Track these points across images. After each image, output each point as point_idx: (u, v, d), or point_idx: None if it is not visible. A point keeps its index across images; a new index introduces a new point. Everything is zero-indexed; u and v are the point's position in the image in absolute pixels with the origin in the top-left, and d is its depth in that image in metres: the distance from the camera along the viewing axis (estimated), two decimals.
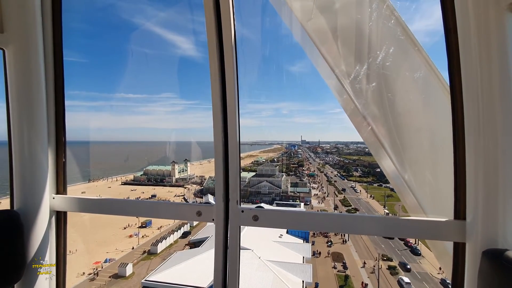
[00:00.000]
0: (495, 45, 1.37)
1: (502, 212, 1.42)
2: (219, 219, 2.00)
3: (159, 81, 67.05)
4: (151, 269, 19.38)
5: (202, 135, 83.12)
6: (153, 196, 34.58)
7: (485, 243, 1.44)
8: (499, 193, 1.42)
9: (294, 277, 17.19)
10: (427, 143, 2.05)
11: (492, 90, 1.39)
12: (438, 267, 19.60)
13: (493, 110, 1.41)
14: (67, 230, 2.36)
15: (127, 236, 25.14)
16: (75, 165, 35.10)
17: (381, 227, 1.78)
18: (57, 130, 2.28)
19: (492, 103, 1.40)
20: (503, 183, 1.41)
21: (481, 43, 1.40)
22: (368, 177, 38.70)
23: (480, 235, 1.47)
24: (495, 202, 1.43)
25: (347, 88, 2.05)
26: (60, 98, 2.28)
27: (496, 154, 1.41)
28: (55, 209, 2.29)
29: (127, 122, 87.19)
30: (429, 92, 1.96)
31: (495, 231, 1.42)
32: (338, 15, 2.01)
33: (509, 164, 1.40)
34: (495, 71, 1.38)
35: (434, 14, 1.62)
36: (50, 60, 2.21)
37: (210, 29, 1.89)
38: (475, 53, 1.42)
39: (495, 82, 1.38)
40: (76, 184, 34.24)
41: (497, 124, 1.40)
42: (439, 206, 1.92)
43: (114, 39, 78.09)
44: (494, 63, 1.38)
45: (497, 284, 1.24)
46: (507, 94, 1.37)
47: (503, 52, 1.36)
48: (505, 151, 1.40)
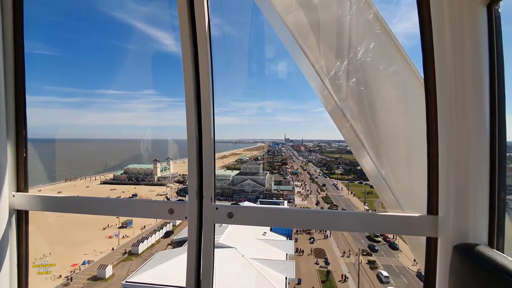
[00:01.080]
0: (469, 40, 1.37)
1: (473, 207, 1.44)
2: (192, 217, 1.93)
3: (141, 77, 65.26)
4: (132, 270, 18.92)
5: (186, 133, 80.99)
6: (134, 195, 33.69)
7: (456, 238, 1.45)
8: (470, 189, 1.43)
9: (277, 274, 17.33)
10: (403, 139, 2.08)
11: (465, 86, 1.40)
12: (414, 261, 20.46)
13: (465, 106, 1.41)
14: (39, 231, 2.20)
15: (106, 237, 24.36)
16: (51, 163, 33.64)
17: (357, 223, 1.78)
18: (17, 124, 2.12)
19: (464, 99, 1.41)
20: (474, 179, 1.42)
21: (454, 38, 1.40)
22: (349, 174, 39.67)
23: (452, 230, 1.48)
24: (466, 198, 1.44)
25: (327, 84, 2.04)
26: (20, 91, 2.11)
27: (468, 150, 1.42)
28: (15, 207, 2.13)
29: (107, 119, 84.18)
30: (405, 88, 1.99)
31: (466, 226, 1.44)
32: (317, 9, 2.00)
33: (480, 160, 1.42)
34: (468, 66, 1.38)
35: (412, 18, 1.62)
36: (10, 52, 2.06)
37: (183, 21, 1.81)
38: (449, 48, 1.42)
39: (468, 78, 1.39)
40: (53, 183, 32.82)
41: (468, 120, 1.41)
42: (415, 201, 1.95)
43: (93, 33, 75.11)
44: (467, 58, 1.38)
45: (468, 278, 1.25)
46: (479, 90, 1.38)
47: (476, 47, 1.37)
48: (476, 147, 1.41)
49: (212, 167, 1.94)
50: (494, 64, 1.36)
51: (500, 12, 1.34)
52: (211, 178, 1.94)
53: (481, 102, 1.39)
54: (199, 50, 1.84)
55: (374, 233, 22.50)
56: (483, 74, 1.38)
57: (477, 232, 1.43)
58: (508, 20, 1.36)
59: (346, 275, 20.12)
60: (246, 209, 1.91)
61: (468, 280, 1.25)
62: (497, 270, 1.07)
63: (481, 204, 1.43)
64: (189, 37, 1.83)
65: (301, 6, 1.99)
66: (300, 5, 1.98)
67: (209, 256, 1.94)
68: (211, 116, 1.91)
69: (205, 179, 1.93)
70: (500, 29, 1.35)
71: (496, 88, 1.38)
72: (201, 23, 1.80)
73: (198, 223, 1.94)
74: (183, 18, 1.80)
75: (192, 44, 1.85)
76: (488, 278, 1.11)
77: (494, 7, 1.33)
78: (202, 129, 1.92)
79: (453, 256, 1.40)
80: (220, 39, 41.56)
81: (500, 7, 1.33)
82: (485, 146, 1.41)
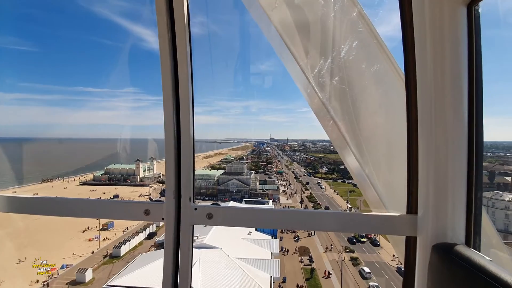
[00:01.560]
0: (448, 40, 1.38)
1: (451, 207, 1.45)
2: (170, 218, 1.83)
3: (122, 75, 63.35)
4: (113, 273, 18.36)
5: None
6: (115, 196, 32.74)
7: (435, 237, 1.46)
8: (449, 189, 1.45)
9: (262, 273, 17.36)
10: (387, 138, 2.09)
11: (444, 86, 1.41)
12: (393, 256, 21.20)
13: (444, 106, 1.42)
14: (13, 235, 2.03)
15: (86, 240, 23.53)
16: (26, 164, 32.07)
17: (339, 224, 1.77)
18: None
19: (443, 99, 1.41)
20: (452, 179, 1.44)
21: (435, 37, 1.40)
22: (333, 173, 40.43)
23: (430, 229, 1.49)
24: (444, 198, 1.46)
25: (311, 82, 2.02)
26: None
27: (446, 150, 1.43)
28: None
29: (87, 118, 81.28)
30: (389, 87, 1.99)
31: (444, 225, 1.45)
32: (301, 5, 1.97)
33: (458, 161, 1.43)
34: (447, 66, 1.39)
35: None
36: None
37: (160, 16, 1.72)
38: (430, 48, 1.42)
39: (447, 78, 1.40)
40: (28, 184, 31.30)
41: (447, 121, 1.42)
42: (397, 200, 1.96)
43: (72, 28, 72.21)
44: (447, 58, 1.39)
45: (446, 277, 1.27)
46: (458, 90, 1.39)
47: (456, 47, 1.38)
48: (455, 147, 1.42)
49: (191, 166, 1.86)
50: (473, 65, 1.38)
51: (480, 13, 1.36)
52: (190, 178, 1.86)
53: (459, 102, 1.40)
54: (178, 46, 1.76)
55: (355, 233, 23.08)
56: (462, 74, 1.39)
57: (455, 231, 1.44)
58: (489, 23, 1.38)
59: (330, 271, 20.54)
60: (226, 210, 1.85)
61: (447, 279, 1.26)
62: (475, 270, 1.09)
63: (459, 204, 1.45)
64: (167, 32, 1.74)
65: (286, 2, 1.96)
66: (285, 1, 1.95)
67: (187, 259, 1.85)
68: (190, 113, 1.83)
69: (183, 179, 1.85)
70: (479, 30, 1.37)
71: (474, 88, 1.39)
72: (180, 17, 1.73)
73: (176, 225, 1.85)
74: (161, 12, 1.72)
75: (171, 39, 1.76)
76: (466, 278, 1.13)
77: (474, 7, 1.34)
78: (180, 127, 1.84)
79: (432, 255, 1.41)
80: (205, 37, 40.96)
81: (480, 7, 1.35)
82: (463, 146, 1.43)
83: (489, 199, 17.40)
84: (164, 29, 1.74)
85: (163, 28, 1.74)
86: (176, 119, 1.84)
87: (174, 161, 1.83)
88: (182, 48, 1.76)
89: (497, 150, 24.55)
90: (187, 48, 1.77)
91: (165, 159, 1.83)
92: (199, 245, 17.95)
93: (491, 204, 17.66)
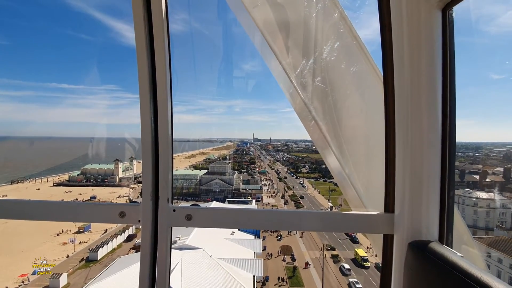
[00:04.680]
0: (424, 42, 1.41)
1: (426, 205, 1.49)
2: (146, 220, 1.76)
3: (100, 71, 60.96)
4: (90, 277, 17.68)
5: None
6: (92, 197, 31.54)
7: (410, 235, 1.50)
8: (423, 188, 1.49)
9: (245, 272, 17.38)
10: (367, 138, 2.14)
11: (420, 87, 1.44)
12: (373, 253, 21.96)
13: (420, 107, 1.45)
14: None
15: (60, 244, 22.49)
16: None
17: (319, 223, 1.79)
18: None
19: (419, 100, 1.45)
20: (427, 179, 1.48)
21: (412, 39, 1.43)
22: (314, 173, 41.19)
23: (406, 227, 1.53)
24: (420, 196, 1.50)
25: (293, 82, 2.03)
26: None
27: (422, 149, 1.47)
28: None
29: (61, 115, 77.63)
30: (368, 87, 2.03)
31: (419, 223, 1.50)
32: (284, 5, 1.97)
33: (433, 161, 1.47)
34: (423, 68, 1.43)
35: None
36: None
37: (137, 7, 1.64)
38: (407, 50, 1.45)
39: (423, 79, 1.43)
40: None
41: (422, 122, 1.46)
42: (376, 199, 2.01)
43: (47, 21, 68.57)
44: (423, 60, 1.43)
45: (421, 274, 1.31)
46: (433, 91, 1.43)
47: (431, 49, 1.42)
48: (430, 148, 1.47)
49: (169, 166, 1.79)
50: (447, 67, 1.43)
51: (453, 17, 1.41)
52: (168, 178, 1.79)
53: (434, 103, 1.45)
54: (155, 41, 1.69)
55: (335, 232, 23.69)
56: (437, 77, 1.43)
57: (429, 229, 1.49)
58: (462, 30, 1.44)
59: (309, 262, 22.09)
60: (206, 211, 1.80)
61: (422, 275, 1.30)
62: (448, 266, 1.13)
63: (433, 202, 1.49)
64: (144, 26, 1.66)
65: (268, 1, 1.95)
66: (267, 0, 1.94)
67: (165, 262, 1.78)
68: (169, 112, 1.76)
69: (161, 179, 1.78)
70: (453, 33, 1.42)
71: (448, 89, 1.44)
72: (157, 12, 1.66)
73: (153, 227, 1.77)
74: (138, 5, 1.64)
75: (148, 34, 1.69)
76: (439, 274, 1.17)
77: (448, 11, 1.39)
78: (158, 126, 1.76)
79: (407, 252, 1.45)
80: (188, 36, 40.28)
81: (454, 12, 1.40)
82: (437, 147, 1.47)
83: (459, 197, 18.46)
84: (141, 24, 1.66)
85: (140, 22, 1.66)
86: (154, 117, 1.76)
87: (151, 161, 1.76)
88: (160, 44, 1.69)
89: (467, 150, 26.06)
90: (165, 43, 1.70)
91: (142, 159, 1.74)
92: (181, 246, 17.67)
93: (461, 201, 18.75)
